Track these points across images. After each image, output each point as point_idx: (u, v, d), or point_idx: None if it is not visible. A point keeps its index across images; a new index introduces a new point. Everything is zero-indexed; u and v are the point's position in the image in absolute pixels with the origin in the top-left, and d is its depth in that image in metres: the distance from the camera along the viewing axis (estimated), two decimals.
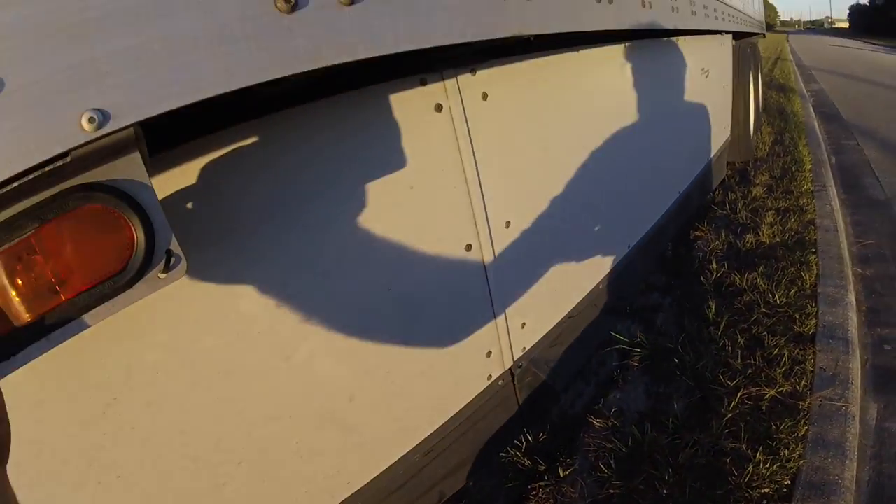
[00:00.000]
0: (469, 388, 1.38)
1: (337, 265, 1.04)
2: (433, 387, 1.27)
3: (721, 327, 2.38)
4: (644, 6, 1.77)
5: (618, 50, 1.95)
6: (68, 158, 0.60)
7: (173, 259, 0.70)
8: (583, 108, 1.71)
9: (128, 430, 0.92)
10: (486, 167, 1.26)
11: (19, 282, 0.62)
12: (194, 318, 0.93)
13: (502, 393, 1.46)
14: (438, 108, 1.15)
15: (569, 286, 1.65)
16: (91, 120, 0.58)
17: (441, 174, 1.17)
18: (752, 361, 2.14)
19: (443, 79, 1.15)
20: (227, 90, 0.65)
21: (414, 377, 1.21)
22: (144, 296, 0.69)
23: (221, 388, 0.99)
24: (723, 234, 3.23)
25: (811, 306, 2.49)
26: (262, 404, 1.04)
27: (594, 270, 1.82)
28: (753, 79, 4.96)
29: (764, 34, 7.07)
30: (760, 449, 1.70)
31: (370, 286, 1.10)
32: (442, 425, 1.33)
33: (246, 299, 0.96)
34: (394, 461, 1.26)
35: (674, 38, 2.60)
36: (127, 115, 0.59)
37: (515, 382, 1.50)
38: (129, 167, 0.66)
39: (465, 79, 1.21)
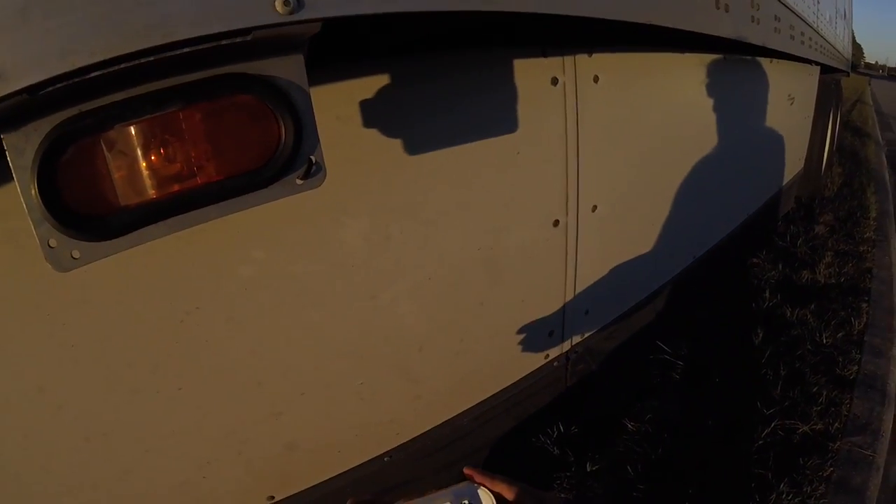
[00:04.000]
0: (526, 363, 1.40)
1: (437, 212, 1.07)
2: (495, 354, 1.29)
3: (766, 356, 2.37)
4: (753, 21, 1.75)
5: (716, 60, 1.92)
6: (249, 37, 0.56)
7: (314, 168, 0.67)
8: (677, 110, 1.70)
9: (201, 342, 0.93)
10: (585, 148, 1.27)
11: (153, 157, 0.60)
12: (295, 240, 0.95)
13: (554, 374, 1.48)
14: (554, 81, 1.17)
15: (633, 284, 1.65)
16: (286, 3, 0.56)
17: (546, 146, 1.19)
18: (791, 395, 2.16)
19: (562, 55, 1.16)
20: (410, 9, 0.64)
21: (481, 340, 1.24)
22: (277, 198, 0.66)
23: (302, 316, 1.01)
24: (780, 266, 3.17)
25: (855, 353, 2.49)
26: (338, 339, 1.07)
27: (658, 274, 1.82)
28: (833, 115, 4.80)
29: (848, 73, 6.79)
30: (786, 480, 1.72)
31: (463, 241, 1.12)
32: (494, 394, 1.35)
33: (349, 230, 0.99)
34: (442, 421, 1.29)
35: (767, 59, 2.54)
36: (322, 7, 0.57)
37: (569, 367, 1.51)
38: (292, 67, 0.62)
39: (581, 58, 1.22)
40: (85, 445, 0.91)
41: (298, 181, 0.68)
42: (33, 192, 0.60)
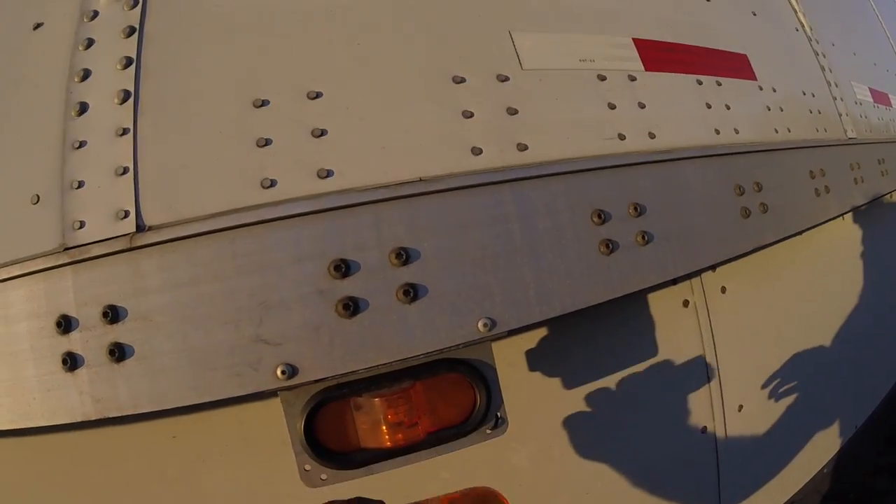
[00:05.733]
0: None
1: (595, 429, 1.23)
2: None
3: None
4: (857, 182, 1.80)
5: (841, 223, 1.96)
6: (460, 346, 0.86)
7: (500, 421, 0.93)
8: (809, 286, 1.75)
9: None
10: (723, 354, 1.38)
11: (388, 416, 0.87)
12: (474, 463, 1.12)
13: None
14: (685, 303, 1.33)
15: (793, 470, 1.61)
16: (485, 325, 0.85)
17: (686, 362, 1.32)
18: None
19: (689, 278, 1.33)
20: (565, 312, 0.90)
21: None
22: (473, 444, 0.91)
23: None
24: None
25: None
26: None
27: (819, 453, 1.75)
28: None
29: None
30: None
31: (617, 459, 1.24)
32: None
33: (518, 455, 1.18)
34: None
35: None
36: (508, 322, 0.86)
37: None
38: (484, 352, 0.91)
39: (707, 276, 1.37)
40: None
41: (488, 431, 0.93)
42: (298, 431, 0.86)
